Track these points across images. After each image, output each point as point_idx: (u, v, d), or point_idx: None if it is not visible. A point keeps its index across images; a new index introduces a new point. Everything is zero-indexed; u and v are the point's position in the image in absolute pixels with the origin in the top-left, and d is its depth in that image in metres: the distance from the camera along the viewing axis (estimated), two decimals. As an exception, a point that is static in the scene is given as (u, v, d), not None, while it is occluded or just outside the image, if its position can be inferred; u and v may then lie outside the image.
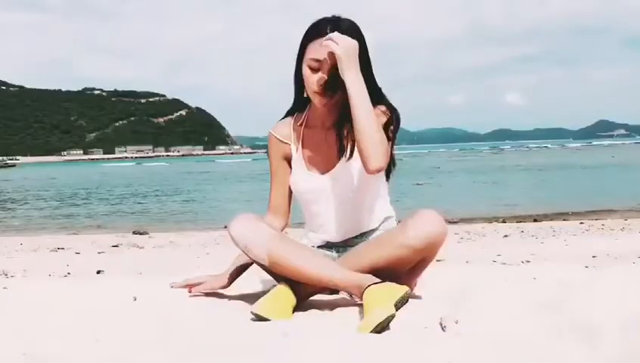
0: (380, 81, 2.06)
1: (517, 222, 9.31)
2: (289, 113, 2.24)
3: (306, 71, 2.02)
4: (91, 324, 1.80)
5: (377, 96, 2.05)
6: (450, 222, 9.04)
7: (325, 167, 2.14)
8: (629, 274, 1.94)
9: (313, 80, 2.01)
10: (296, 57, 2.09)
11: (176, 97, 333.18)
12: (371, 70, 2.06)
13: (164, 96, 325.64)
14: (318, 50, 1.98)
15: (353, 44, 1.94)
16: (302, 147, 2.17)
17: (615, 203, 12.43)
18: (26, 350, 1.53)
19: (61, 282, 2.96)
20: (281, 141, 2.21)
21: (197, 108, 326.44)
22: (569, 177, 24.10)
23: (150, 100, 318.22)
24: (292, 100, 2.21)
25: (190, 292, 2.21)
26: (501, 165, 38.21)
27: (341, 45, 1.92)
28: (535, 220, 9.65)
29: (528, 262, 4.18)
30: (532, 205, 12.89)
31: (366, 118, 1.92)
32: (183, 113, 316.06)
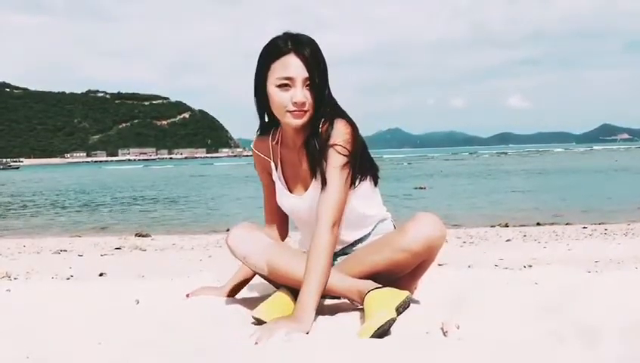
0: (381, 83, 2.00)
1: (519, 226, 9.28)
2: (263, 130, 2.12)
3: (273, 91, 1.90)
4: (93, 327, 1.81)
5: (333, 111, 1.94)
6: (453, 225, 9.04)
7: (303, 187, 2.06)
8: (631, 279, 1.94)
9: (286, 99, 1.88)
10: (254, 78, 1.97)
11: (179, 100, 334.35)
12: (328, 86, 1.95)
13: (167, 98, 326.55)
14: (286, 67, 1.87)
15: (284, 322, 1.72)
16: (281, 166, 2.11)
17: (618, 207, 12.41)
18: (30, 352, 1.53)
19: (64, 284, 2.96)
20: (263, 157, 2.15)
21: (200, 111, 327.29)
22: (572, 181, 24.04)
23: (154, 102, 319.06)
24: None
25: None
26: (504, 168, 38.13)
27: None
28: (537, 224, 9.62)
29: (530, 266, 4.17)
30: (535, 209, 12.86)
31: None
32: (186, 115, 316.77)
